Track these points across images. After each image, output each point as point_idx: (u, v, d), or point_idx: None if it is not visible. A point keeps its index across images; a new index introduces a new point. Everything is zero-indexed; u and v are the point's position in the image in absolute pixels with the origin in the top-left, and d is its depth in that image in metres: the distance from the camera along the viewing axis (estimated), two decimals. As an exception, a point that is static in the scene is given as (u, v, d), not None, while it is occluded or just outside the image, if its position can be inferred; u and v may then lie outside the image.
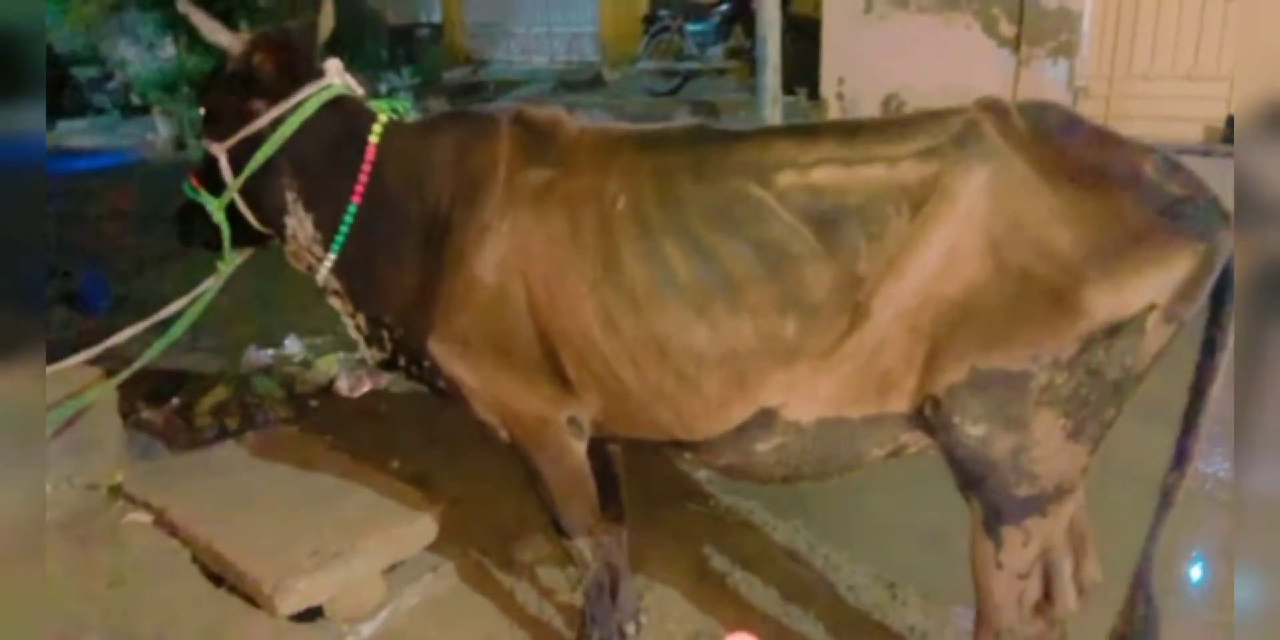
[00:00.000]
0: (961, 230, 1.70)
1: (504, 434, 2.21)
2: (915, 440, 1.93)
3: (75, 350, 2.58)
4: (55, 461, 2.97)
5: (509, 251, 1.98)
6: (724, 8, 8.99)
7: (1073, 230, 1.65)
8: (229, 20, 2.42)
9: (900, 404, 1.83)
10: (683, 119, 8.28)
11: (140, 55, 10.96)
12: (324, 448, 3.28)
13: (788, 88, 6.84)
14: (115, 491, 3.04)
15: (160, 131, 11.24)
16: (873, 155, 1.78)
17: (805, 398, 1.88)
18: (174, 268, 5.89)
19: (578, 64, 11.71)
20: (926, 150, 1.74)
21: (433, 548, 2.80)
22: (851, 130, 1.86)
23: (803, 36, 7.42)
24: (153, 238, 6.49)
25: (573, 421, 2.11)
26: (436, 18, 12.84)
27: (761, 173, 1.83)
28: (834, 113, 6.99)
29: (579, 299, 1.93)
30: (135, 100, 11.67)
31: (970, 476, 1.82)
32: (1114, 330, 1.66)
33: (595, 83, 10.66)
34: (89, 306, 5.58)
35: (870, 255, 1.75)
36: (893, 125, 1.84)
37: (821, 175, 1.79)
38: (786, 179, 1.81)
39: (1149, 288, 1.64)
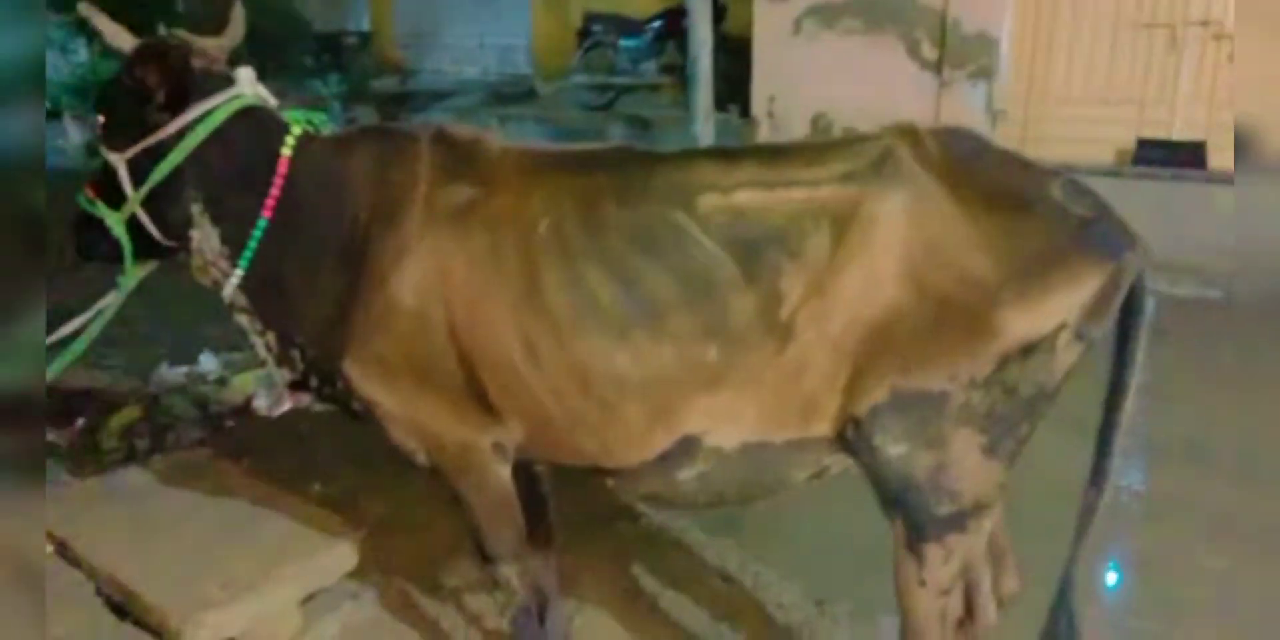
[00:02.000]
0: (881, 254, 1.72)
1: (422, 458, 2.15)
2: (837, 462, 1.94)
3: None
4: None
5: (428, 273, 1.94)
6: (656, 24, 9.05)
7: (986, 253, 1.69)
8: (149, 25, 2.27)
9: (822, 427, 1.84)
10: (615, 133, 8.33)
11: (51, 59, 10.55)
12: (239, 471, 3.16)
13: (720, 105, 6.91)
14: (12, 519, 2.88)
15: (71, 137, 10.82)
16: (793, 179, 1.80)
17: (729, 423, 1.88)
18: (84, 277, 5.65)
19: (509, 76, 11.65)
20: (846, 175, 1.76)
21: (354, 574, 2.71)
22: (772, 154, 1.88)
23: (734, 55, 7.51)
24: (63, 246, 6.21)
25: (497, 446, 2.07)
26: (365, 26, 12.65)
27: (684, 197, 1.83)
28: (764, 130, 7.08)
29: (500, 324, 1.90)
30: (45, 105, 11.20)
31: (892, 495, 1.84)
32: (1028, 350, 1.71)
33: (527, 96, 10.62)
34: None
35: (792, 274, 1.76)
36: (812, 150, 1.87)
37: (743, 198, 1.80)
38: (708, 202, 1.81)
39: (1060, 308, 1.70)
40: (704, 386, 1.84)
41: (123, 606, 2.54)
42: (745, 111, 7.58)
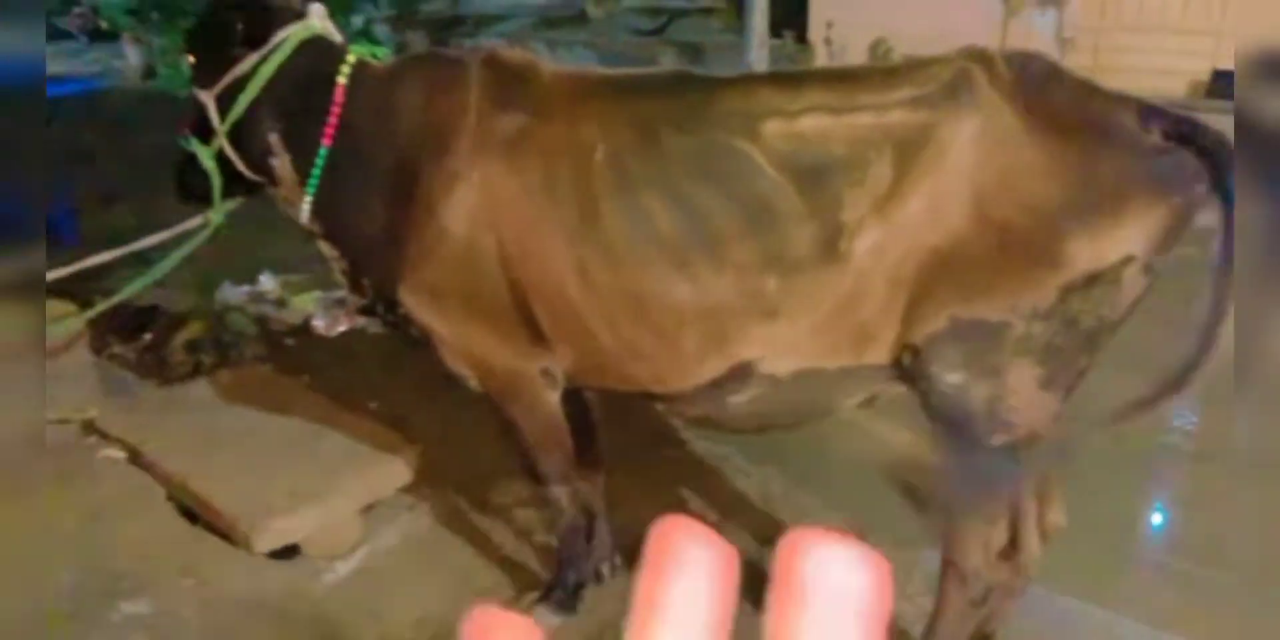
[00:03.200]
0: (949, 181, 1.69)
1: (474, 383, 2.21)
2: (887, 390, 1.94)
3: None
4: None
5: (479, 202, 1.94)
6: (712, -56, 8.76)
7: (1054, 182, 1.65)
8: None
9: (878, 355, 1.84)
10: (667, 60, 8.15)
11: (107, -20, 10.52)
12: (300, 387, 3.27)
13: (775, 31, 6.71)
14: (88, 427, 3.02)
15: (129, 59, 10.87)
16: (860, 103, 1.75)
17: (784, 351, 1.88)
18: (142, 204, 5.76)
19: (560, 0, 11.38)
20: (916, 99, 1.71)
21: (410, 489, 2.82)
22: (838, 78, 1.83)
23: (792, -22, 7.24)
24: (123, 170, 6.32)
25: (546, 373, 2.11)
26: (415, -52, 12.37)
27: (746, 123, 1.79)
28: (821, 57, 6.89)
29: (554, 253, 1.90)
30: (103, 26, 11.23)
31: (947, 424, 1.83)
32: (1091, 281, 1.68)
33: (578, 20, 10.38)
34: (59, 240, 5.46)
35: (854, 203, 1.73)
36: (880, 73, 1.81)
37: (807, 124, 1.76)
38: (771, 129, 1.77)
39: (1127, 240, 1.67)
40: (762, 315, 1.84)
41: (192, 511, 2.68)
42: (801, 37, 7.36)
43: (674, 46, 8.28)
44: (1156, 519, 2.95)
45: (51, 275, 2.49)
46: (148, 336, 3.90)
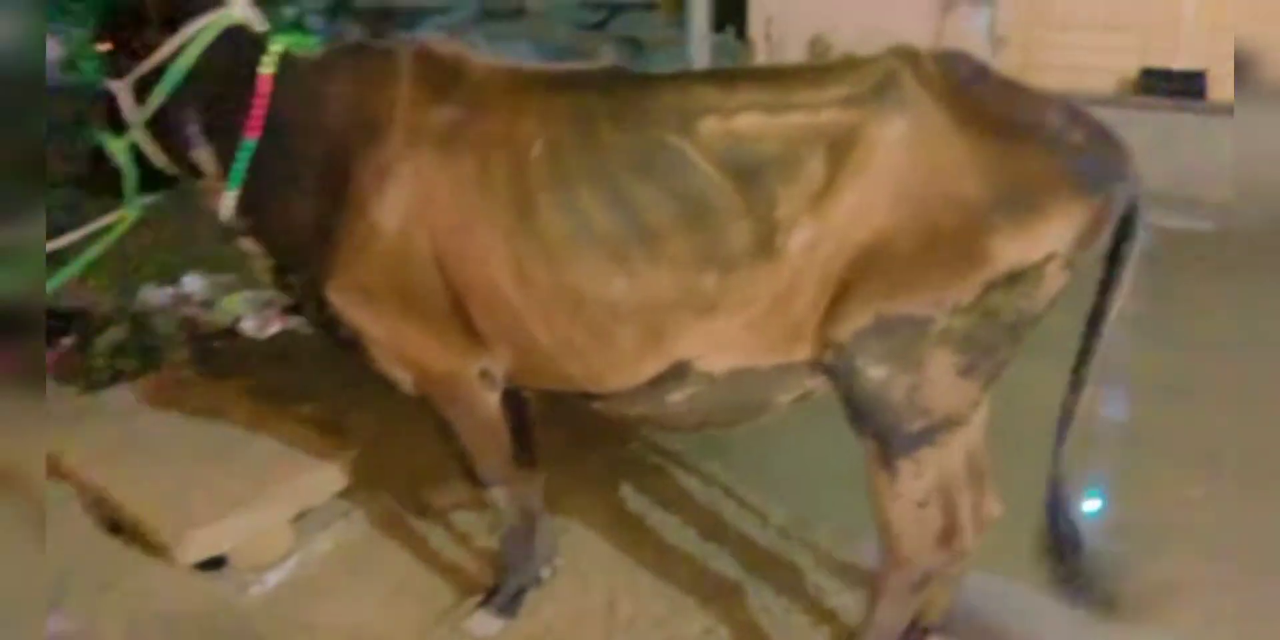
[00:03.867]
0: (878, 180, 1.71)
1: (408, 386, 2.17)
2: (819, 385, 1.96)
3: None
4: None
5: (412, 197, 1.91)
6: (652, -62, 8.70)
7: (981, 180, 1.68)
8: None
9: (806, 350, 1.86)
10: (607, 54, 8.09)
11: (22, -34, 10.10)
12: (229, 391, 3.16)
13: (716, 26, 6.71)
14: (1, 436, 2.88)
15: (48, 52, 10.45)
16: (793, 102, 1.77)
17: (720, 349, 1.89)
18: (69, 203, 5.55)
19: (499, -7, 11.24)
20: (847, 98, 1.74)
21: (345, 494, 2.75)
22: (772, 76, 1.85)
23: (731, -27, 7.25)
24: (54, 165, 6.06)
25: (484, 374, 2.08)
26: (350, -63, 12.12)
27: (682, 120, 1.80)
28: (761, 53, 6.91)
29: (489, 249, 1.88)
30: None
31: (865, 414, 1.86)
32: (1015, 276, 1.71)
33: (517, 13, 10.26)
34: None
35: (787, 201, 1.75)
36: (812, 72, 1.83)
37: (742, 122, 1.78)
38: (707, 126, 1.79)
39: (1050, 236, 1.69)
40: (698, 313, 1.84)
41: (114, 522, 2.57)
42: (741, 33, 7.37)
43: (614, 41, 8.22)
44: (1092, 505, 3.01)
45: None
46: (67, 341, 3.75)
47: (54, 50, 10.34)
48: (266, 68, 2.00)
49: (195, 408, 2.92)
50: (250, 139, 2.00)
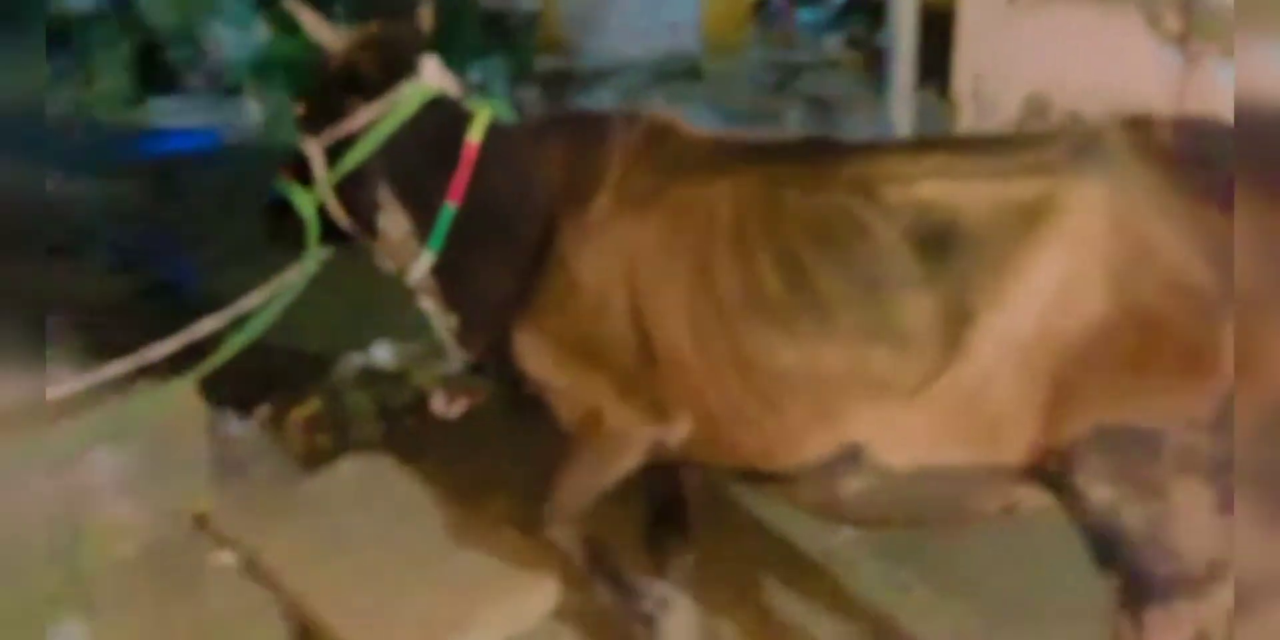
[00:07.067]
0: (1077, 256, 1.57)
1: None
2: (1033, 496, 1.80)
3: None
4: (135, 481, 2.68)
5: (613, 256, 1.96)
6: (840, -5, 8.46)
7: (1211, 266, 1.49)
8: (326, 11, 2.37)
9: (1012, 454, 1.70)
10: (793, 115, 7.82)
11: (234, 37, 10.92)
12: (425, 480, 2.94)
13: (915, 83, 6.32)
14: (201, 520, 2.73)
15: (251, 113, 11.21)
16: (982, 169, 1.70)
17: (897, 437, 1.78)
18: (259, 259, 5.66)
19: (676, 55, 11.22)
20: (1040, 163, 1.64)
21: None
22: (967, 143, 1.85)
23: (927, 28, 6.86)
24: (240, 225, 6.27)
25: (656, 444, 2.05)
26: (534, 5, 12.52)
27: (867, 187, 1.76)
28: (968, 112, 6.43)
29: (674, 310, 1.91)
30: (227, 81, 11.64)
31: (1101, 546, 1.70)
32: None
33: (694, 74, 10.21)
34: (177, 297, 5.41)
35: (974, 278, 1.65)
36: (1011, 138, 1.82)
37: (928, 190, 1.71)
38: (892, 194, 1.74)
39: None
40: (870, 392, 1.76)
41: (310, 633, 2.33)
42: (942, 91, 6.93)
43: (801, 101, 7.95)
44: None
45: (157, 352, 2.35)
46: (263, 409, 3.67)
47: (255, 114, 11.07)
48: (475, 136, 2.06)
49: (396, 501, 2.70)
50: (452, 204, 2.05)
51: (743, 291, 1.84)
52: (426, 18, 2.17)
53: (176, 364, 2.42)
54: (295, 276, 2.27)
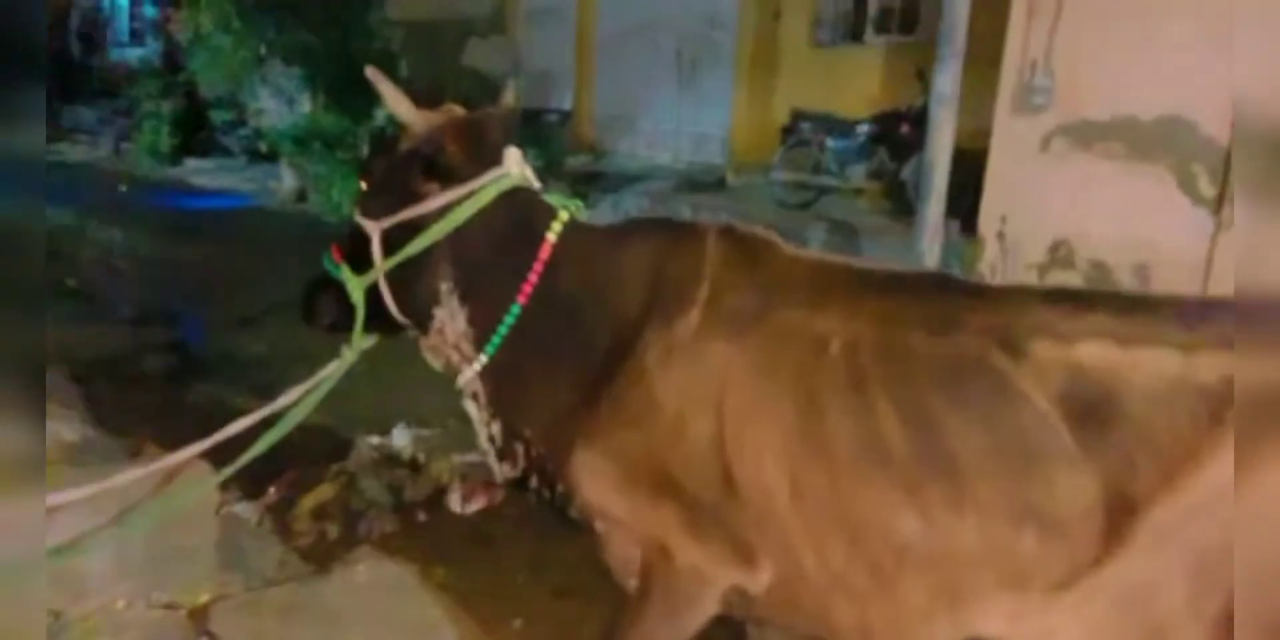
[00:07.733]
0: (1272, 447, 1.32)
1: (635, 582, 1.85)
2: None
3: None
4: (135, 571, 2.53)
5: (700, 378, 1.73)
6: (867, 127, 8.70)
7: None
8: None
9: None
10: (816, 235, 7.93)
11: (278, 107, 11.15)
12: (436, 589, 2.81)
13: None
14: (196, 615, 2.58)
15: (284, 181, 11.38)
16: (1161, 337, 1.47)
17: (1039, 635, 1.54)
18: (273, 330, 5.60)
19: (701, 165, 11.53)
20: (1223, 338, 1.42)
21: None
22: (1134, 303, 1.60)
23: (956, 165, 7.04)
24: (262, 290, 6.22)
25: (734, 590, 1.76)
26: (567, 105, 12.88)
27: (1012, 338, 1.54)
28: (992, 252, 6.54)
29: (768, 447, 1.66)
30: (263, 147, 11.85)
31: None
32: None
33: (719, 185, 10.44)
34: (187, 360, 5.34)
35: (1141, 462, 1.43)
36: (1192, 303, 1.59)
37: (1089, 352, 1.49)
38: (1041, 351, 1.51)
39: None
40: (1008, 580, 1.52)
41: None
42: (965, 227, 7.06)
43: (826, 223, 8.08)
44: None
45: (187, 453, 2.16)
46: (273, 492, 3.52)
47: (290, 181, 11.19)
48: (553, 234, 1.88)
49: (406, 613, 2.57)
50: (520, 304, 1.87)
51: (858, 441, 1.60)
52: (515, 102, 2.04)
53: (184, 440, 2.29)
54: (334, 371, 2.05)
